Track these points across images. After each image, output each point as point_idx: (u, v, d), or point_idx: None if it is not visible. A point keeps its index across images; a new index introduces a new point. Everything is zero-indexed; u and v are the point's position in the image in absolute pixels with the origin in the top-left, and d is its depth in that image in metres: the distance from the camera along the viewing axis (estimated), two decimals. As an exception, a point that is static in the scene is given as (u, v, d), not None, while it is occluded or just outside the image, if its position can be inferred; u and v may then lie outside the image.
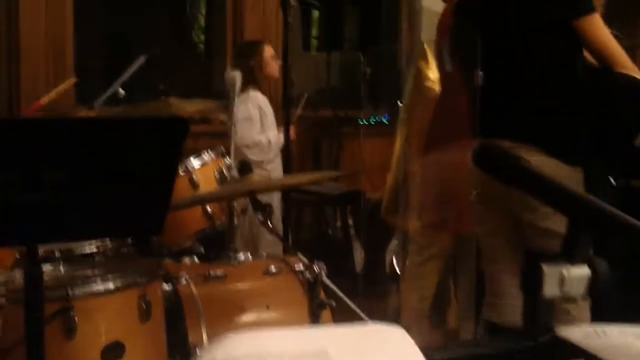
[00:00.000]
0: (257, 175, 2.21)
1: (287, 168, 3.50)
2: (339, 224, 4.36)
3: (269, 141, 3.89)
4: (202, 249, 2.81)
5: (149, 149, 1.58)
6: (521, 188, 1.07)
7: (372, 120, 4.78)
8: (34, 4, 4.56)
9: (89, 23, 5.54)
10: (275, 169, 3.87)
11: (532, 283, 0.94)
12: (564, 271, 0.96)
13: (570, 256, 0.98)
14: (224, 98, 4.85)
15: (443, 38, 2.98)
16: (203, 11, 8.90)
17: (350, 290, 2.44)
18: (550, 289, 0.94)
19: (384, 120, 4.76)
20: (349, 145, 4.89)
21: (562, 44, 2.33)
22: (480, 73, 2.36)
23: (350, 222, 4.22)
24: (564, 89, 2.35)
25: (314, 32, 7.01)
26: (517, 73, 2.38)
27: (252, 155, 3.75)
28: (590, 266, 0.97)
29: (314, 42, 6.58)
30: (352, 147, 4.78)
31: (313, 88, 5.55)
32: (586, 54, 2.35)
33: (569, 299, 2.27)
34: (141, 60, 3.24)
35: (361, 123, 4.26)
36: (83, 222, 1.59)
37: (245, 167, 2.17)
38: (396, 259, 4.25)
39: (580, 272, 0.97)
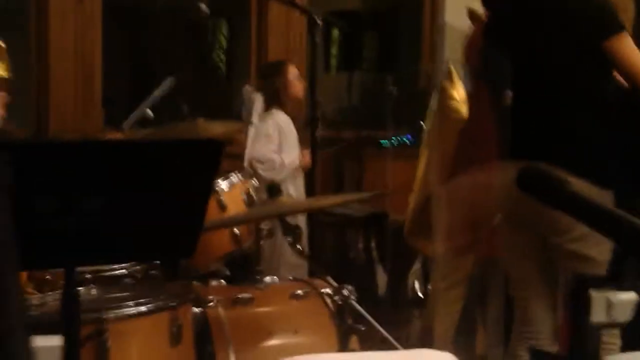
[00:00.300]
0: (286, 198, 2.21)
1: (310, 189, 3.49)
2: (360, 245, 4.35)
3: (283, 162, 3.87)
4: (227, 272, 2.81)
5: (185, 171, 1.58)
6: (567, 212, 1.06)
7: (394, 141, 4.77)
8: (63, 31, 4.62)
9: (116, 47, 5.61)
10: (297, 190, 3.86)
11: (579, 309, 0.93)
12: (612, 297, 0.95)
13: (617, 282, 0.97)
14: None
15: (471, 59, 2.98)
16: (225, 33, 8.99)
17: (372, 313, 2.42)
18: (597, 315, 0.93)
19: (407, 141, 4.76)
20: (372, 166, 4.88)
21: (591, 65, 2.33)
22: (510, 94, 2.35)
23: (373, 244, 4.20)
24: (594, 110, 2.34)
25: (333, 51, 7.04)
26: (547, 94, 2.38)
27: (263, 172, 3.73)
28: (638, 291, 0.96)
29: (334, 61, 6.62)
30: (375, 168, 4.77)
31: (334, 108, 5.56)
32: (616, 74, 2.34)
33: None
34: (169, 82, 3.27)
35: (385, 144, 4.24)
36: (119, 245, 1.60)
37: (274, 189, 2.18)
38: (418, 282, 4.23)
39: (627, 298, 0.96)
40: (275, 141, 3.90)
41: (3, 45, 2.46)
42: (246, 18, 7.85)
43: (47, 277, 2.44)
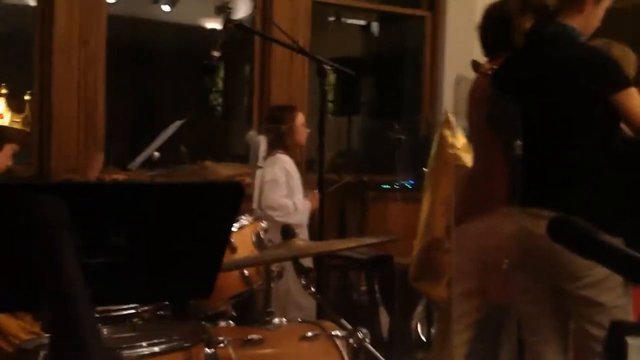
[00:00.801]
0: (300, 240, 2.22)
1: (312, 232, 3.50)
2: (363, 288, 4.35)
3: (295, 206, 3.91)
4: (233, 313, 2.81)
5: (208, 212, 1.60)
6: (599, 261, 1.08)
7: (396, 185, 4.81)
8: (67, 70, 4.67)
9: (118, 87, 5.66)
10: (302, 233, 3.88)
11: (615, 356, 0.94)
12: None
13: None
14: (241, 160, 4.91)
15: (475, 108, 3.03)
16: (222, 75, 9.08)
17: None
18: (634, 361, 0.95)
19: (409, 186, 4.80)
20: (374, 210, 4.91)
21: (600, 117, 2.38)
22: (519, 143, 2.39)
23: (377, 286, 4.21)
24: (602, 160, 2.38)
25: (330, 97, 7.14)
26: (555, 144, 2.42)
27: (278, 218, 3.76)
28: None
29: (330, 106, 6.69)
30: (377, 212, 4.80)
31: (334, 152, 5.61)
32: (623, 126, 2.39)
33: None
34: (177, 124, 3.30)
35: (391, 188, 4.26)
36: (140, 284, 1.60)
37: (288, 231, 2.19)
38: (421, 325, 4.22)
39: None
40: (284, 185, 3.94)
41: (28, 97, 2.53)
42: (242, 61, 7.96)
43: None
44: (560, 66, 2.42)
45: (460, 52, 5.13)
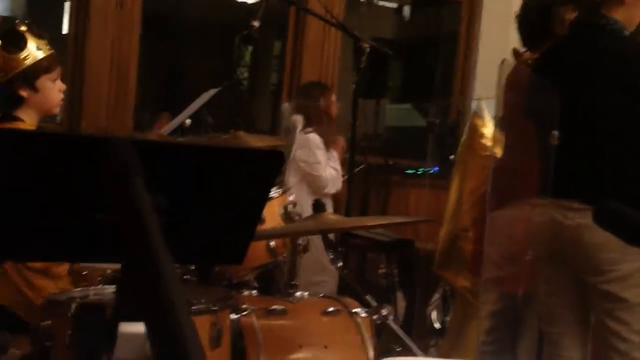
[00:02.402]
0: (330, 215, 2.23)
1: (339, 212, 3.51)
2: (382, 270, 4.36)
3: (337, 171, 4.01)
4: (256, 284, 2.83)
5: (247, 178, 1.61)
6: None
7: (420, 171, 4.81)
8: (102, 33, 4.69)
9: (147, 56, 5.69)
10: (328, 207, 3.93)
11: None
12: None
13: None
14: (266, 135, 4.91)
15: (512, 96, 3.01)
16: (250, 50, 9.08)
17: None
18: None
19: (433, 172, 4.79)
20: (396, 194, 4.92)
21: (638, 112, 2.37)
22: (556, 133, 2.39)
23: (396, 270, 4.22)
24: (638, 156, 2.38)
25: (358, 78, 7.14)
26: (592, 136, 2.42)
27: (332, 190, 3.86)
28: None
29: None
30: (399, 196, 4.80)
31: (360, 133, 5.61)
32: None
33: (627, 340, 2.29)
34: (210, 93, 3.31)
35: (416, 173, 4.27)
36: (177, 246, 1.61)
37: (319, 205, 2.20)
38: (437, 313, 4.23)
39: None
40: (323, 161, 4.02)
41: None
42: (271, 36, 7.94)
43: (85, 272, 2.47)
44: (604, 58, 2.42)
45: (495, 39, 5.10)
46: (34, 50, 2.47)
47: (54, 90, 2.53)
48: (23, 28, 2.48)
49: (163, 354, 0.66)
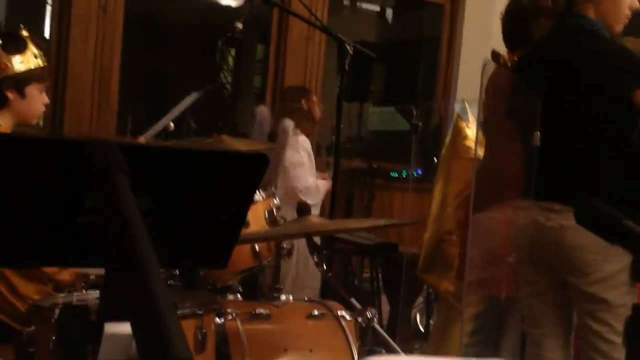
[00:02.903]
0: (315, 218, 2.24)
1: (324, 215, 3.50)
2: (365, 274, 4.37)
3: (318, 186, 3.98)
4: (240, 288, 2.83)
5: (231, 181, 1.61)
6: (625, 247, 1.10)
7: (404, 174, 4.82)
8: (85, 35, 4.67)
9: (132, 60, 5.66)
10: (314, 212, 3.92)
11: (637, 337, 0.97)
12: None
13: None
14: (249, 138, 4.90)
15: (493, 98, 3.03)
16: (232, 53, 9.08)
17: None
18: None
19: (416, 175, 4.82)
20: (380, 198, 4.93)
21: (619, 113, 2.39)
22: (538, 135, 2.40)
23: (380, 274, 4.23)
24: (619, 157, 2.39)
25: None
26: (573, 138, 2.44)
27: (306, 199, 3.81)
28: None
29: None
30: (383, 200, 4.81)
31: (343, 137, 5.62)
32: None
33: (608, 340, 2.30)
34: (193, 96, 3.30)
35: (399, 176, 4.27)
36: (161, 250, 1.61)
37: (303, 209, 2.21)
38: (420, 316, 4.25)
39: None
40: (307, 167, 4.00)
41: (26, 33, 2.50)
42: (254, 40, 7.93)
43: (67, 277, 2.46)
44: (583, 59, 2.43)
45: (478, 42, 5.14)
46: (31, 57, 2.49)
47: (39, 101, 2.54)
48: (25, 33, 2.49)
49: (149, 353, 0.65)
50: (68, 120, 4.60)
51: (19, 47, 2.46)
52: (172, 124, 3.35)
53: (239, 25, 2.81)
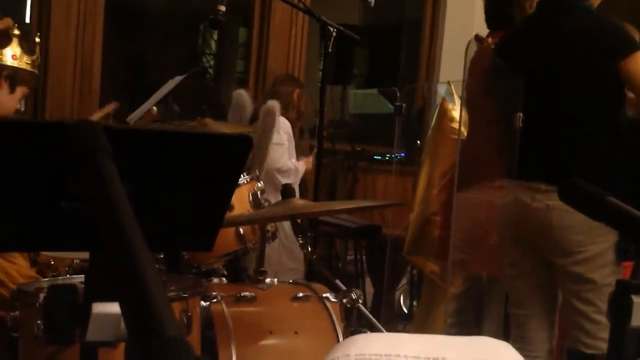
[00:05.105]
0: (299, 200, 2.24)
1: (306, 198, 3.50)
2: (350, 257, 4.38)
3: (297, 168, 3.98)
4: (224, 271, 2.83)
5: (216, 164, 1.61)
6: (608, 223, 1.12)
7: (387, 157, 4.83)
8: (65, 21, 4.62)
9: (113, 45, 5.61)
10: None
11: (621, 313, 0.97)
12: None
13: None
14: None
15: (475, 79, 3.04)
16: (215, 37, 9.03)
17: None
18: (638, 319, 0.98)
19: (400, 158, 4.83)
20: (363, 180, 4.94)
21: (606, 88, 2.38)
22: (520, 115, 2.41)
23: (364, 256, 4.24)
24: (604, 136, 2.39)
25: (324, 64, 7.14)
26: (557, 117, 2.43)
27: (284, 180, 3.81)
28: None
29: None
30: (366, 183, 4.82)
31: (327, 120, 5.63)
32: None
33: (594, 320, 2.32)
34: (176, 80, 3.28)
35: (382, 159, 4.27)
36: (145, 233, 1.60)
37: (288, 191, 2.20)
38: (404, 298, 4.27)
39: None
40: (287, 149, 4.00)
41: (38, 40, 2.52)
42: (236, 24, 7.89)
43: (51, 262, 2.45)
44: (567, 38, 2.41)
45: (461, 24, 5.14)
46: (24, 58, 2.51)
47: (16, 104, 2.56)
48: (16, 32, 2.49)
49: (139, 332, 0.65)
50: (50, 106, 4.56)
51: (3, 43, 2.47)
52: (154, 108, 3.32)
53: (222, 8, 2.79)
